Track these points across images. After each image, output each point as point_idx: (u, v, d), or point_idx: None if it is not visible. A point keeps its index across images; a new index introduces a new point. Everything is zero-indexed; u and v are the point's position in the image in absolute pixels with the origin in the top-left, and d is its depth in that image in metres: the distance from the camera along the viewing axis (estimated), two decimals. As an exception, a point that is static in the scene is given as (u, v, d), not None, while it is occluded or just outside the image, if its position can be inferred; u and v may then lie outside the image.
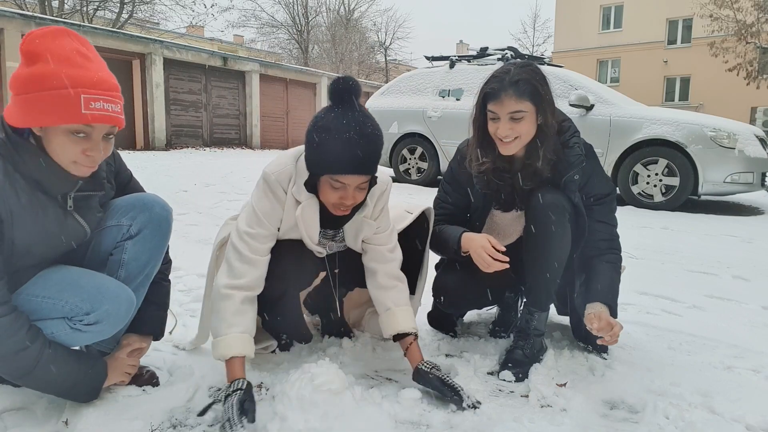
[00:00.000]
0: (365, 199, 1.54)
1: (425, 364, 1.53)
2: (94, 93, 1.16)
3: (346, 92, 1.41)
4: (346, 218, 1.58)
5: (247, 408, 1.34)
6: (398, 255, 1.69)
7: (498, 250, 1.60)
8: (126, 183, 1.52)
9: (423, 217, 1.82)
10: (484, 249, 1.60)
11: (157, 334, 1.58)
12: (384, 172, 1.62)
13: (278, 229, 1.57)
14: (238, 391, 1.36)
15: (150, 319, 1.53)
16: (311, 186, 1.49)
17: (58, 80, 1.13)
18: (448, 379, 1.49)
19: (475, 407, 1.43)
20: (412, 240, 1.80)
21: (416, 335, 1.60)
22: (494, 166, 1.69)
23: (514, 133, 1.58)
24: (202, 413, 1.38)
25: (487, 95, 1.60)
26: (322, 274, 1.81)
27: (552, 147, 1.64)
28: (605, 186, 1.72)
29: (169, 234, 1.48)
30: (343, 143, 1.37)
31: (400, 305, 1.61)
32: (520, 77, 1.57)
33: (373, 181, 1.52)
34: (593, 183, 1.70)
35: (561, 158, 1.66)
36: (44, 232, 1.24)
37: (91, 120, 1.16)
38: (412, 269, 1.81)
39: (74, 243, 1.34)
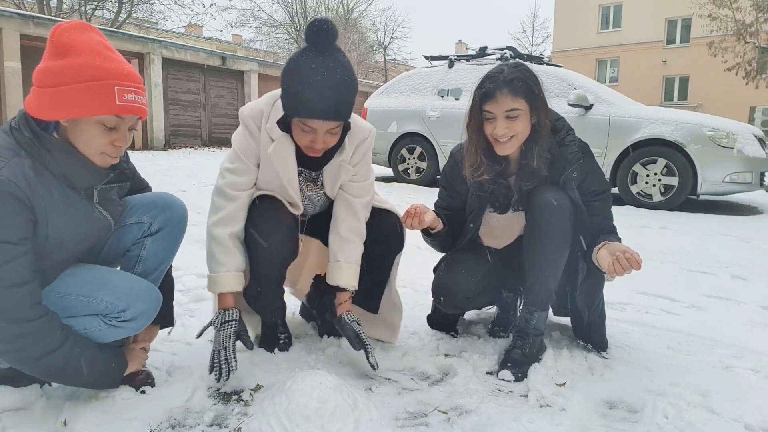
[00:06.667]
0: (343, 142, 1.57)
1: (349, 315, 1.64)
2: (126, 85, 1.20)
3: (319, 35, 1.37)
4: (325, 160, 1.60)
5: (243, 337, 1.53)
6: (367, 213, 1.72)
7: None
8: (132, 175, 1.56)
9: (397, 221, 1.77)
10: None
11: (168, 323, 1.63)
12: (364, 121, 1.66)
13: (257, 166, 1.59)
14: (233, 322, 1.52)
15: (162, 311, 1.54)
16: (285, 125, 1.49)
17: (93, 72, 1.15)
18: (362, 334, 1.59)
19: (374, 367, 1.55)
20: (382, 243, 1.77)
21: (353, 293, 1.71)
22: (489, 175, 1.70)
23: (510, 132, 1.60)
24: (198, 336, 1.55)
25: (484, 95, 1.61)
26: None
27: (547, 146, 1.66)
28: (602, 182, 1.74)
29: (184, 234, 1.53)
30: (310, 88, 1.35)
31: (350, 262, 1.67)
32: (514, 76, 1.60)
33: (347, 127, 1.53)
34: (591, 180, 1.72)
35: (558, 156, 1.68)
36: (75, 227, 1.26)
37: (124, 111, 1.20)
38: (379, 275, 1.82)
39: (101, 236, 1.38)
